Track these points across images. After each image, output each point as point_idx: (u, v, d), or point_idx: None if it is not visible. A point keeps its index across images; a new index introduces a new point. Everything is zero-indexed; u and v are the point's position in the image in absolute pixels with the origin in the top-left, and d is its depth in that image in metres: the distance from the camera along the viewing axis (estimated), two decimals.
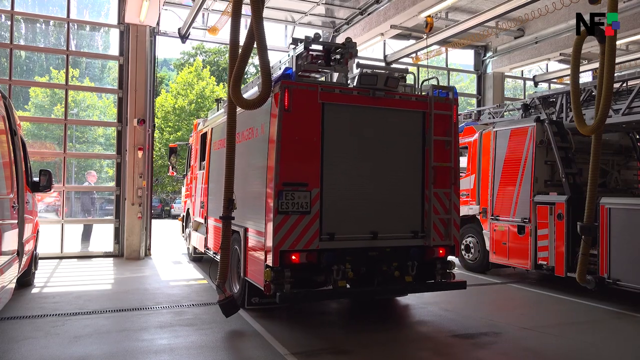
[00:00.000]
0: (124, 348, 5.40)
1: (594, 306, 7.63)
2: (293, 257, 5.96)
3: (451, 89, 6.97)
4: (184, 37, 13.36)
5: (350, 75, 6.88)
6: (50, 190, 8.15)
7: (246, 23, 6.35)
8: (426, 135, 6.71)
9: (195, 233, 10.96)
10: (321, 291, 6.44)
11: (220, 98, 11.13)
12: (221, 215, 6.39)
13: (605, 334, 6.31)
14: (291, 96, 6.01)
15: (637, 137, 9.91)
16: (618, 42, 10.53)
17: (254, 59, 6.64)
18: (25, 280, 8.20)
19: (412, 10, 11.91)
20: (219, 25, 13.22)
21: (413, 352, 5.39)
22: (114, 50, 13.12)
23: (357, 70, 6.71)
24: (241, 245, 7.05)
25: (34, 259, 8.48)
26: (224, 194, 6.32)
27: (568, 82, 8.70)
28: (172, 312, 6.94)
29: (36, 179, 7.90)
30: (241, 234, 7.02)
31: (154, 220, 13.06)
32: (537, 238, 8.75)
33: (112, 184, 13.33)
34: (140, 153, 11.92)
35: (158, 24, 12.77)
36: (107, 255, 12.22)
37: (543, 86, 18.38)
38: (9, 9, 12.01)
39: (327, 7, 14.00)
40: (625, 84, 8.79)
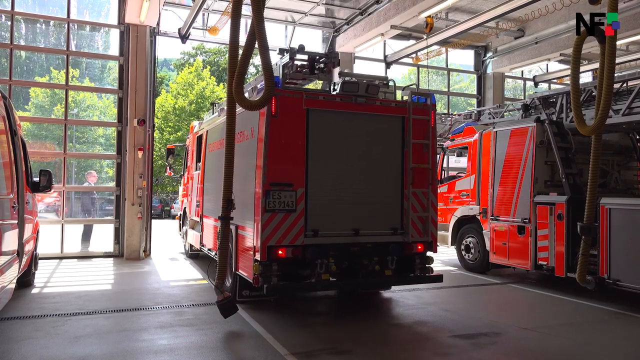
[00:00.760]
0: (124, 348, 5.40)
1: (594, 306, 7.63)
2: (280, 252, 6.38)
3: (429, 95, 7.39)
4: (184, 37, 13.37)
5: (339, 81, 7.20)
6: (50, 190, 8.15)
7: (246, 23, 6.39)
8: (405, 138, 7.13)
9: (191, 231, 11.35)
10: (306, 283, 6.80)
11: (215, 102, 11.59)
12: (220, 215, 6.40)
13: (605, 334, 6.31)
14: (278, 102, 6.39)
15: (637, 138, 9.90)
16: (618, 43, 10.53)
17: (253, 59, 6.77)
18: (25, 280, 8.20)
19: (412, 10, 11.91)
20: (219, 25, 13.23)
21: (413, 352, 5.39)
22: (114, 50, 13.12)
23: (340, 78, 7.19)
24: (233, 241, 7.41)
25: (34, 259, 8.48)
26: (223, 194, 6.33)
27: (568, 83, 8.70)
28: (172, 312, 6.94)
29: (36, 179, 7.89)
30: (233, 231, 7.30)
31: (154, 220, 13.05)
32: (537, 238, 8.75)
33: (112, 184, 13.33)
34: (140, 153, 11.92)
35: (158, 24, 12.77)
36: (107, 255, 12.22)
37: (543, 86, 18.39)
38: (9, 9, 12.01)
39: (327, 8, 14.01)
40: (625, 84, 8.78)
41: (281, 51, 7.18)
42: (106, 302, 7.55)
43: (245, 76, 6.15)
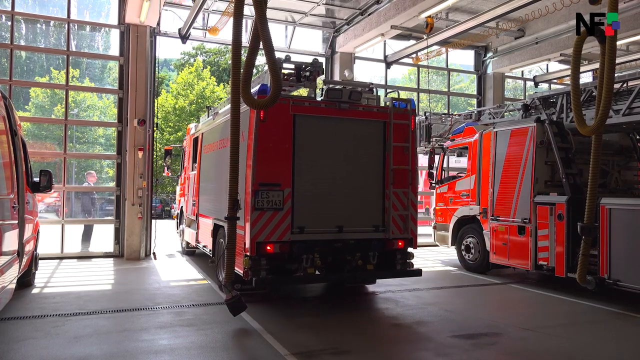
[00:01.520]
0: (124, 348, 5.40)
1: (594, 307, 7.63)
2: (268, 248, 6.85)
3: (409, 101, 7.87)
4: (185, 38, 13.36)
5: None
6: (50, 190, 8.15)
7: (246, 23, 6.41)
8: (386, 141, 7.61)
9: (187, 229, 11.76)
10: (293, 277, 7.33)
11: (210, 105, 12.17)
12: (226, 216, 6.43)
13: (605, 335, 6.31)
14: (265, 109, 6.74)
15: (638, 138, 9.91)
16: (618, 43, 10.53)
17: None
18: (25, 280, 8.20)
19: (413, 10, 11.90)
20: (220, 25, 13.22)
21: (413, 352, 5.39)
22: (114, 50, 13.12)
23: (325, 85, 7.73)
24: (225, 237, 7.62)
25: (35, 259, 8.48)
26: (229, 195, 6.35)
27: (568, 83, 8.70)
28: (173, 313, 6.94)
29: (36, 180, 7.89)
30: (225, 228, 7.65)
31: (154, 220, 13.08)
32: (538, 238, 8.75)
33: (113, 185, 13.34)
34: (140, 153, 11.93)
35: (158, 25, 12.77)
36: (108, 255, 12.22)
37: (543, 86, 18.38)
38: (10, 10, 12.01)
39: (328, 8, 14.00)
40: (625, 85, 8.77)
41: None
42: (106, 302, 7.55)
43: (251, 76, 6.18)
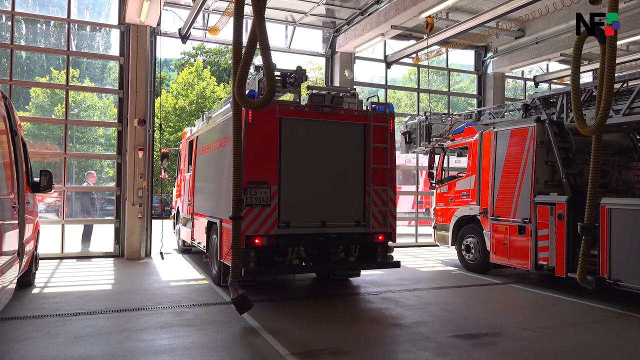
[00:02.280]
0: (125, 348, 5.40)
1: (595, 307, 7.63)
2: (256, 241, 7.39)
3: (388, 105, 8.40)
4: (185, 38, 13.36)
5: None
6: (50, 190, 8.15)
7: (246, 23, 6.43)
8: (367, 142, 8.13)
9: (183, 228, 12.19)
10: (279, 267, 7.77)
11: (204, 110, 13.01)
12: (230, 215, 6.46)
13: (605, 335, 6.31)
14: (254, 112, 7.27)
15: (638, 138, 9.90)
16: (618, 43, 10.53)
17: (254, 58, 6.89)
18: (25, 280, 8.20)
19: (413, 10, 11.89)
20: (220, 25, 13.22)
21: (413, 352, 5.39)
22: (115, 50, 13.14)
23: (308, 91, 8.21)
24: (218, 233, 8.45)
25: (35, 259, 8.48)
26: (233, 195, 6.37)
27: (568, 83, 8.70)
28: (173, 313, 6.94)
29: (37, 180, 7.89)
30: (218, 225, 8.44)
31: (155, 220, 13.12)
32: (538, 238, 8.75)
33: (113, 185, 13.34)
34: (140, 153, 11.93)
35: (159, 24, 12.76)
36: (108, 255, 12.22)
37: (543, 86, 18.37)
38: (10, 10, 12.01)
39: (328, 8, 14.00)
40: (625, 85, 8.76)
41: (256, 68, 8.01)
42: (106, 302, 7.55)
43: (247, 77, 6.19)
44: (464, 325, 6.55)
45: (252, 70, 7.76)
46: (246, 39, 6.05)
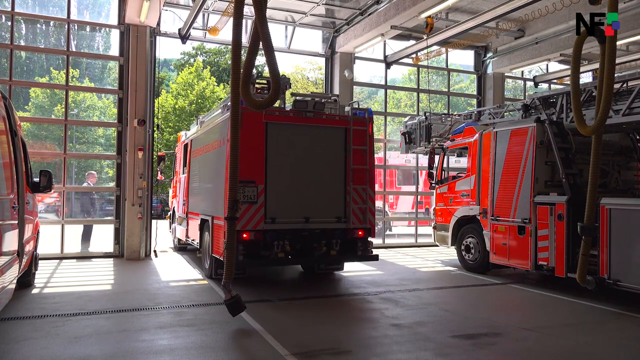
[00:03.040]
0: (125, 348, 5.40)
1: (594, 307, 7.63)
2: (244, 235, 7.91)
3: (367, 110, 9.05)
4: (184, 38, 13.36)
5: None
6: (50, 190, 8.14)
7: (246, 23, 6.43)
8: (347, 145, 8.75)
9: (179, 227, 12.89)
10: (265, 260, 8.32)
11: (198, 115, 13.51)
12: (225, 216, 6.45)
13: (605, 335, 6.31)
14: (242, 117, 7.45)
15: (638, 138, 9.91)
16: (618, 43, 10.53)
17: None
18: (25, 280, 8.20)
19: (413, 10, 11.89)
20: (220, 25, 13.21)
21: (413, 352, 5.39)
22: (114, 50, 13.13)
23: (293, 97, 8.79)
24: (210, 230, 9.08)
25: (34, 260, 8.48)
26: (229, 195, 6.37)
27: (568, 83, 8.70)
28: (172, 313, 6.94)
29: (36, 180, 7.89)
30: (209, 222, 9.08)
31: (160, 221, 13.20)
32: (538, 238, 8.75)
33: (112, 185, 13.34)
34: (140, 154, 11.93)
35: (158, 25, 12.76)
36: (107, 255, 12.22)
37: (543, 87, 18.37)
38: (10, 10, 12.01)
39: (328, 8, 14.00)
40: (625, 85, 8.77)
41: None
42: (106, 303, 7.55)
43: (251, 76, 6.20)
44: (464, 325, 6.55)
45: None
46: (247, 40, 6.06)
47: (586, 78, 17.72)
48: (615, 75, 6.88)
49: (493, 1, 12.13)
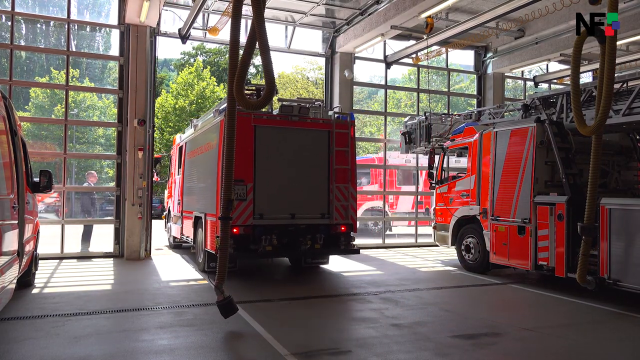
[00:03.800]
0: (125, 348, 5.40)
1: (594, 307, 7.63)
2: (235, 230, 8.46)
3: (348, 114, 9.84)
4: (184, 38, 13.37)
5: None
6: (50, 190, 8.14)
7: (246, 23, 6.45)
8: (330, 146, 9.39)
9: (174, 225, 13.47)
10: (254, 253, 8.85)
11: (192, 118, 14.30)
12: (219, 215, 6.43)
13: (605, 335, 6.30)
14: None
15: (638, 138, 9.90)
16: (618, 43, 10.53)
17: (253, 59, 7.00)
18: (25, 280, 8.19)
19: (413, 10, 11.89)
20: (220, 25, 13.22)
21: (413, 352, 5.39)
22: (115, 50, 13.14)
23: (279, 102, 9.43)
24: (203, 226, 9.71)
25: (34, 260, 8.48)
26: (224, 195, 6.34)
27: (568, 83, 8.71)
28: (172, 313, 6.94)
29: (36, 180, 7.89)
30: (203, 219, 9.77)
31: (155, 220, 13.20)
32: (538, 238, 8.75)
33: (113, 185, 13.34)
34: (140, 153, 11.93)
35: (158, 25, 12.76)
36: (108, 255, 12.22)
37: (543, 86, 18.37)
38: (10, 10, 12.01)
39: (328, 8, 14.00)
40: (625, 85, 8.77)
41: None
42: (106, 303, 7.55)
43: (246, 76, 6.18)
44: (464, 325, 6.55)
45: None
46: (245, 39, 6.06)
47: (586, 78, 17.73)
48: (615, 75, 6.87)
49: (493, 1, 12.14)
